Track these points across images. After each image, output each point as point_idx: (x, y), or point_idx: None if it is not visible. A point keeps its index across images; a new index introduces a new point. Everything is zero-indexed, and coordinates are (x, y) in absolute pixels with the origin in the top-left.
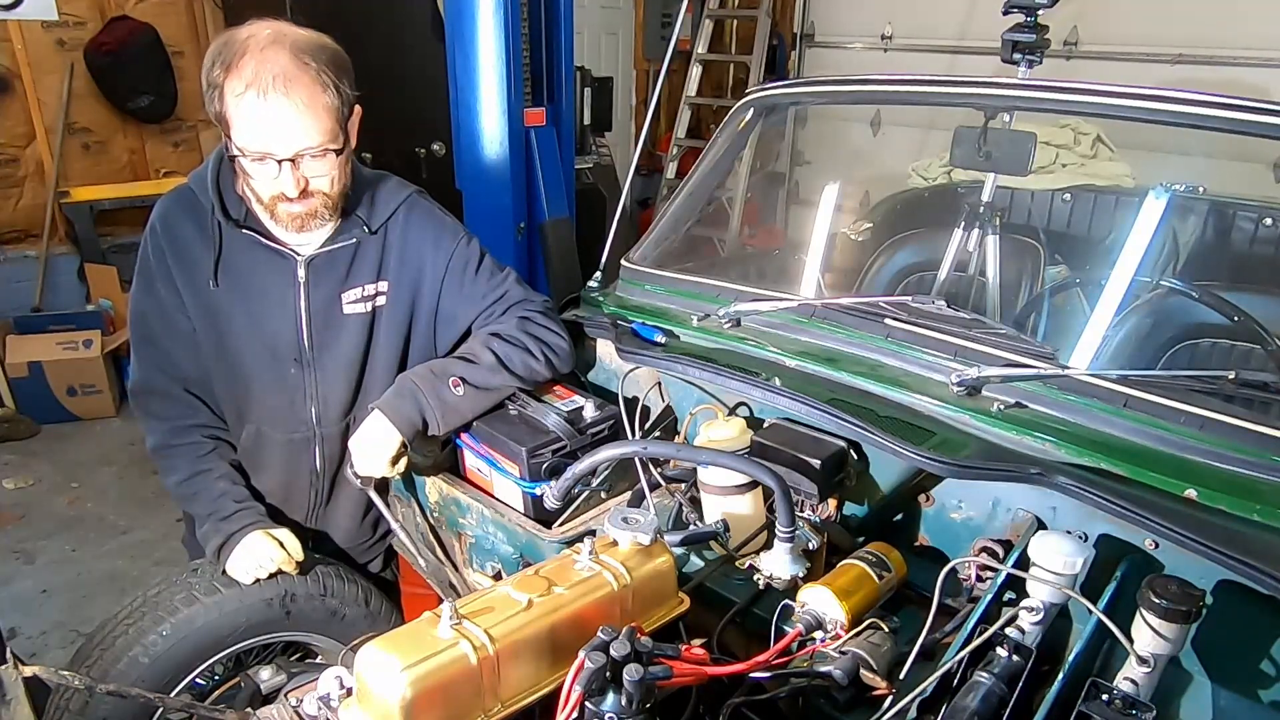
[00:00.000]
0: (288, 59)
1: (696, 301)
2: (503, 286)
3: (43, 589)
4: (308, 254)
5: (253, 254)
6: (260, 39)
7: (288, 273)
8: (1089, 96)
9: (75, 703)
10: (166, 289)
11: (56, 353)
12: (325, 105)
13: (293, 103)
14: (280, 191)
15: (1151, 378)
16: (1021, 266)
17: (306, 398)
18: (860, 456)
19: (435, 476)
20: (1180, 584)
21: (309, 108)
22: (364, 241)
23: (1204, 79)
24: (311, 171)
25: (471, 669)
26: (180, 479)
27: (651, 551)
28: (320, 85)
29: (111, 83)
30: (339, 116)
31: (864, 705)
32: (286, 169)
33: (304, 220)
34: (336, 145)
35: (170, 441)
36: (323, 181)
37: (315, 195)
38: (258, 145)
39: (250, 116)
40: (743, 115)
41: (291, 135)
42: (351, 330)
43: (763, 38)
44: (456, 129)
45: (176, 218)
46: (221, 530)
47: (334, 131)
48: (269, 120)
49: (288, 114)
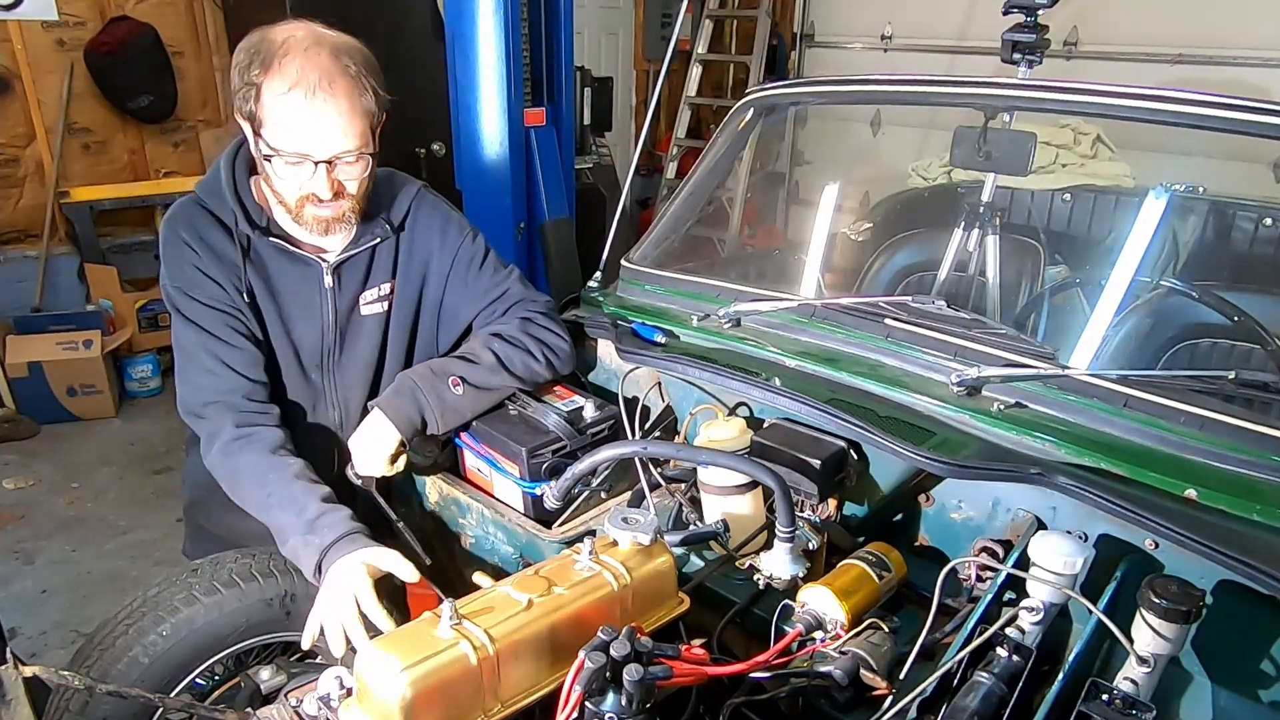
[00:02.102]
0: (330, 60)
1: (696, 301)
2: (505, 284)
3: (43, 589)
4: (334, 259)
5: (279, 263)
6: (300, 39)
7: (314, 280)
8: (1089, 96)
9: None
10: (214, 285)
11: (56, 353)
12: (364, 109)
13: (337, 104)
14: (311, 193)
15: (1151, 378)
16: (1021, 266)
17: (328, 403)
18: (860, 456)
19: (435, 476)
20: (1180, 584)
21: (351, 110)
22: (385, 240)
23: (1204, 79)
24: (345, 175)
25: (471, 669)
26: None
27: (651, 551)
28: (360, 88)
29: (111, 83)
30: (374, 120)
31: (864, 705)
32: (322, 171)
33: (329, 224)
34: (370, 149)
35: (237, 439)
36: (353, 185)
37: (345, 199)
38: (296, 146)
39: (292, 117)
40: (743, 115)
41: (333, 138)
42: (369, 331)
43: (763, 38)
44: (456, 129)
45: (204, 226)
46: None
47: (367, 136)
48: (312, 121)
49: (331, 116)
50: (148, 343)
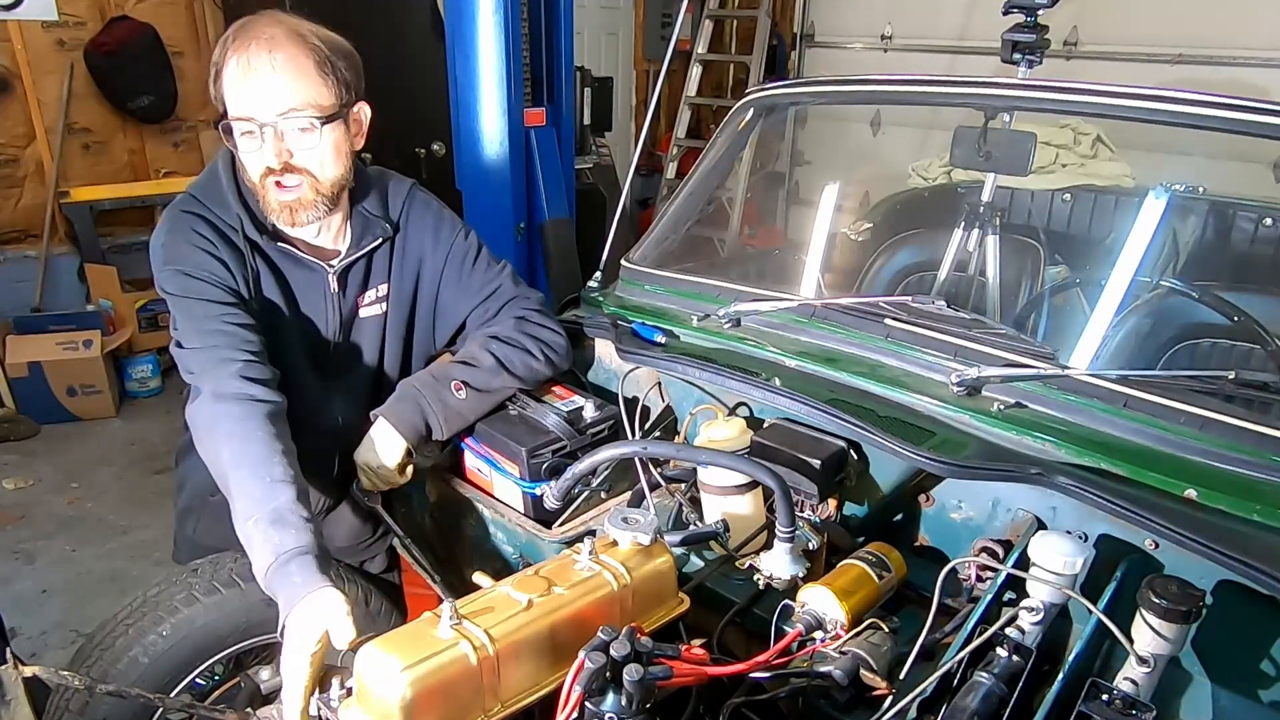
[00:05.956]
0: (284, 31)
1: (696, 301)
2: (498, 280)
3: (43, 589)
4: (339, 265)
5: (285, 268)
6: (264, 22)
7: (320, 286)
8: (1089, 96)
9: (75, 703)
10: (214, 262)
11: (56, 353)
12: (312, 72)
13: (274, 60)
14: (266, 166)
15: (1151, 378)
16: (1021, 266)
17: (330, 406)
18: (860, 456)
19: (435, 477)
20: (1180, 584)
21: (295, 70)
22: (385, 241)
23: (1204, 79)
24: (296, 145)
25: (471, 669)
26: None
27: (651, 551)
28: (309, 53)
29: (111, 83)
30: (333, 90)
31: (864, 705)
32: (270, 137)
33: (294, 209)
34: (321, 116)
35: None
36: (309, 157)
37: (302, 174)
38: (239, 108)
39: (235, 80)
40: (743, 115)
41: (274, 96)
42: (369, 333)
43: (763, 38)
44: (456, 129)
45: (202, 240)
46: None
47: (321, 101)
48: (255, 79)
49: (269, 73)
50: (148, 343)
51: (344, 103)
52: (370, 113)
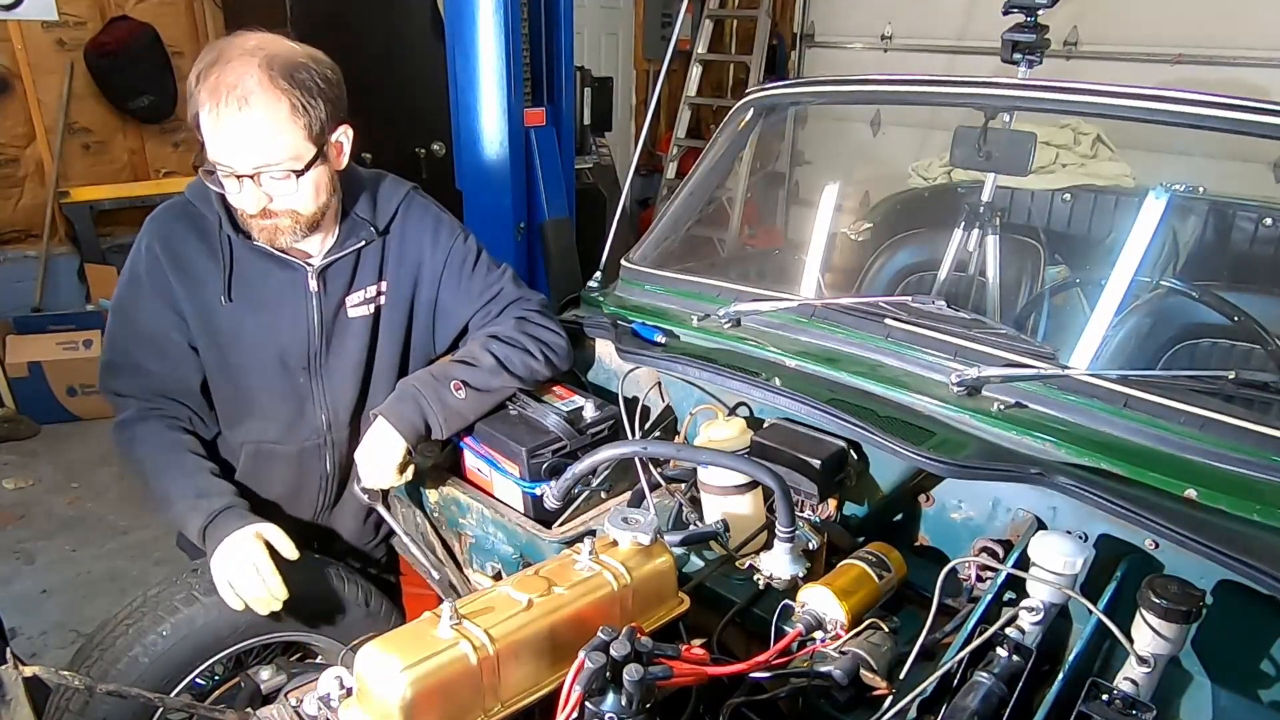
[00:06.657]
0: (255, 74)
1: (696, 301)
2: (499, 284)
3: (43, 589)
4: (318, 264)
5: (263, 267)
6: (236, 48)
7: (299, 284)
8: (1089, 96)
9: (75, 703)
10: (162, 307)
11: (56, 353)
12: (285, 122)
13: (247, 118)
14: (244, 211)
15: (1151, 378)
16: (1021, 266)
17: (316, 405)
18: (860, 456)
19: (435, 477)
20: (1180, 584)
21: (267, 124)
22: (370, 243)
23: (1204, 79)
24: (274, 191)
25: (471, 669)
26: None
27: (651, 551)
28: (285, 103)
29: (111, 83)
30: (310, 136)
31: (864, 705)
32: (248, 185)
33: (272, 234)
34: (298, 166)
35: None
36: (288, 200)
37: (281, 215)
38: (216, 155)
39: (209, 128)
40: (743, 115)
41: (248, 151)
42: (356, 333)
43: (763, 38)
44: (456, 129)
45: (178, 236)
46: (200, 509)
47: (298, 151)
48: (228, 134)
49: (242, 130)
50: None
51: (322, 143)
52: (352, 133)
